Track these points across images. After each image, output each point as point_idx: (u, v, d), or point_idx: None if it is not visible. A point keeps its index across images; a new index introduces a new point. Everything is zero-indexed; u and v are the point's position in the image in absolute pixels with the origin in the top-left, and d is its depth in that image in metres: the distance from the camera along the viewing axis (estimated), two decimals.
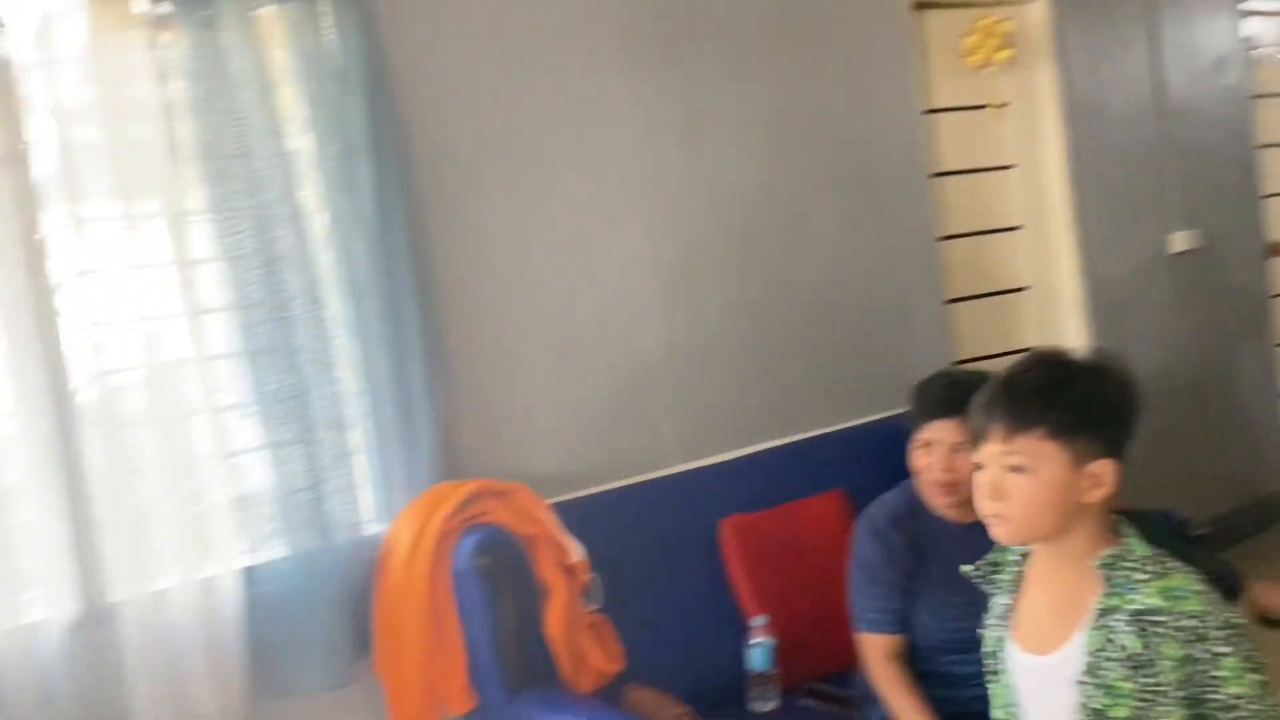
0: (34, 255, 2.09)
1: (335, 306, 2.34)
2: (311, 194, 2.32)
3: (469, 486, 2.30)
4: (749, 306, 2.92)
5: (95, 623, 2.08)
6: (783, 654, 2.39)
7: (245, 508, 2.22)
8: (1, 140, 2.06)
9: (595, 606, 2.30)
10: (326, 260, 2.34)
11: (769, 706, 2.37)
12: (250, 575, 2.20)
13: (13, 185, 2.07)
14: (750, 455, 2.71)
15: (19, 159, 2.08)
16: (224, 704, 2.14)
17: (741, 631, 2.43)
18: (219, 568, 2.16)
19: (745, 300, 2.92)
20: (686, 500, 2.56)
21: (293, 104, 2.30)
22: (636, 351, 2.75)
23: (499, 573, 2.21)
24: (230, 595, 2.16)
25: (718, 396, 2.85)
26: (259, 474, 2.24)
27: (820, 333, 3.03)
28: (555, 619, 2.23)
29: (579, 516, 2.36)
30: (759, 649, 2.37)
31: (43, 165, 2.08)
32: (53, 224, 2.10)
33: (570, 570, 2.28)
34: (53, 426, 2.08)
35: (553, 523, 2.31)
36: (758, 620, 2.40)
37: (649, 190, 2.79)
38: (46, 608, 2.04)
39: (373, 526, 2.36)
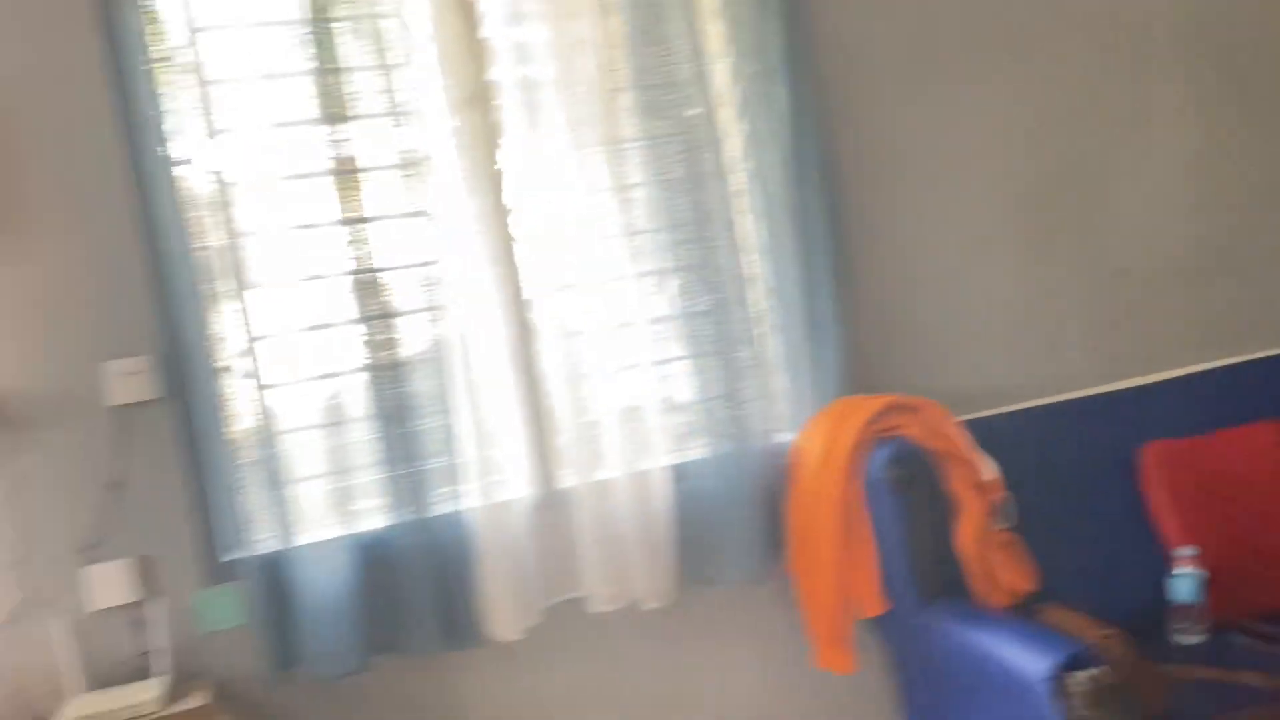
0: (494, 183, 2.37)
1: (750, 226, 2.46)
2: (729, 117, 2.43)
3: (880, 400, 2.36)
4: (1171, 220, 2.72)
5: (551, 504, 2.37)
6: (1211, 587, 2.26)
7: (672, 411, 2.42)
8: (469, 80, 2.34)
9: (1008, 525, 2.29)
10: (741, 181, 2.45)
11: (1194, 640, 2.26)
12: (678, 472, 2.41)
13: (478, 121, 2.34)
14: (1175, 379, 2.56)
15: (483, 97, 2.35)
16: (656, 585, 2.38)
17: (1161, 561, 2.33)
18: (651, 463, 2.38)
19: (1167, 213, 2.72)
20: (1104, 423, 2.46)
21: (715, 30, 2.41)
22: (1045, 267, 2.66)
23: (911, 485, 2.26)
24: (661, 488, 2.38)
25: (1137, 315, 2.70)
26: (684, 381, 2.43)
27: (1253, 246, 2.76)
28: (967, 535, 2.25)
29: (990, 434, 2.35)
30: (1185, 580, 2.26)
31: (501, 102, 2.33)
32: (509, 155, 2.36)
33: (982, 488, 2.28)
34: (514, 334, 2.37)
35: (963, 439, 2.32)
36: (1184, 551, 2.28)
37: (1061, 98, 2.65)
38: (514, 489, 2.35)
39: (782, 435, 2.49)
